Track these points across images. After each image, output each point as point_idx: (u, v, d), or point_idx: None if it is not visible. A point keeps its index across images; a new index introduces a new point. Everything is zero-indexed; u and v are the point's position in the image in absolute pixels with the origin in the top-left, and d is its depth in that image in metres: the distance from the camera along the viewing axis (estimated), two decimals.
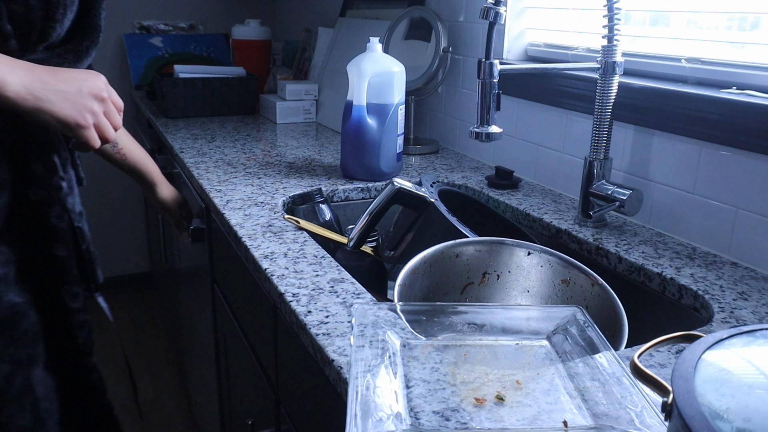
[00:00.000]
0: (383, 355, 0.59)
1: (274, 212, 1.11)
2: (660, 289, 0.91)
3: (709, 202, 0.99)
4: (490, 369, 0.60)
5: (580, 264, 0.87)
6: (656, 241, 1.02)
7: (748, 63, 0.98)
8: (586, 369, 0.59)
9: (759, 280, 0.89)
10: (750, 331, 0.47)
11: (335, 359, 0.67)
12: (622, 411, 0.52)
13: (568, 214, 1.14)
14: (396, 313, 0.67)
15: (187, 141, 1.66)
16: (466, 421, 0.53)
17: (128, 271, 2.94)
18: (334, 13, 2.15)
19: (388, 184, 0.99)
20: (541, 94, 1.29)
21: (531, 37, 1.43)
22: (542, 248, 0.89)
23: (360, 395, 0.53)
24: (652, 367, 0.67)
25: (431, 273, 0.85)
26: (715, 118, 0.94)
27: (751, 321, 0.78)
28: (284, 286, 0.84)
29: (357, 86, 1.27)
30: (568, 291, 0.87)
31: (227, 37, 2.62)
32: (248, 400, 1.25)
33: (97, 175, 2.77)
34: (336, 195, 1.28)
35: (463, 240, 0.89)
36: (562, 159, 1.26)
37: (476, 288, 0.89)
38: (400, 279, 0.79)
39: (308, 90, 1.97)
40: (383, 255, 1.02)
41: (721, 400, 0.40)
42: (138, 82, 2.51)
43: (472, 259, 0.88)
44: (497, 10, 0.92)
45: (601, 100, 1.04)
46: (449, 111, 1.63)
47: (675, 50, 1.09)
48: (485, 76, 0.97)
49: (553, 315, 0.68)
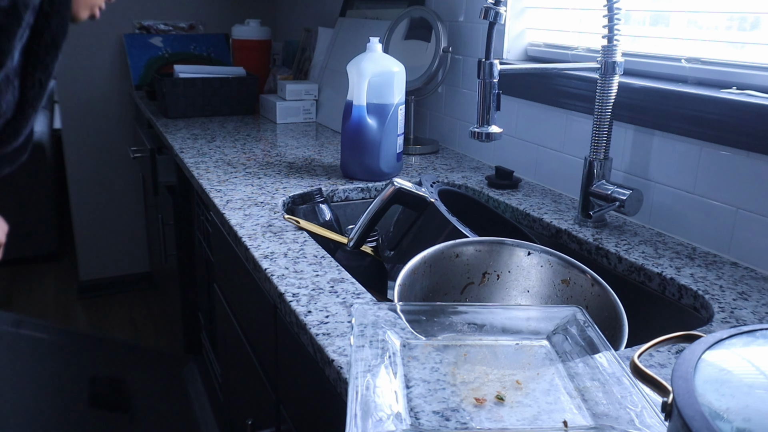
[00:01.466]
0: (383, 355, 0.60)
1: (274, 212, 1.11)
2: (660, 289, 0.91)
3: (709, 202, 0.99)
4: (490, 369, 0.60)
5: (580, 264, 0.87)
6: (656, 241, 1.02)
7: (748, 63, 0.98)
8: (586, 369, 0.59)
9: (759, 280, 0.89)
10: (750, 331, 0.47)
11: (335, 359, 0.67)
12: (622, 411, 0.52)
13: (568, 214, 1.14)
14: (396, 313, 0.67)
15: (187, 141, 1.66)
16: (466, 421, 0.53)
17: (128, 271, 2.94)
18: (334, 13, 2.15)
19: (388, 184, 0.99)
20: (541, 94, 1.29)
21: (531, 37, 1.43)
22: (542, 248, 0.89)
23: (360, 395, 0.53)
24: (652, 367, 0.67)
25: (431, 273, 0.85)
26: (715, 118, 0.94)
27: (751, 321, 0.78)
28: (284, 286, 0.84)
29: (357, 86, 1.27)
30: (568, 291, 0.87)
31: (227, 37, 2.62)
32: (248, 400, 1.25)
33: (97, 175, 2.77)
34: (336, 195, 1.28)
35: (463, 240, 0.89)
36: (562, 159, 1.26)
37: (476, 288, 0.89)
38: (400, 279, 0.79)
39: (308, 90, 1.97)
40: (383, 255, 1.02)
41: (721, 400, 0.40)
42: (138, 82, 2.51)
43: (472, 259, 0.88)
44: (497, 10, 0.92)
45: (601, 100, 1.04)
46: (449, 111, 1.63)
47: (675, 50, 1.09)
48: (485, 76, 0.97)
49: (553, 315, 0.68)
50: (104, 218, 2.82)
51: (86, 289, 2.89)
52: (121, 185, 2.81)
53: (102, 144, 2.74)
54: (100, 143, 2.73)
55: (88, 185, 2.77)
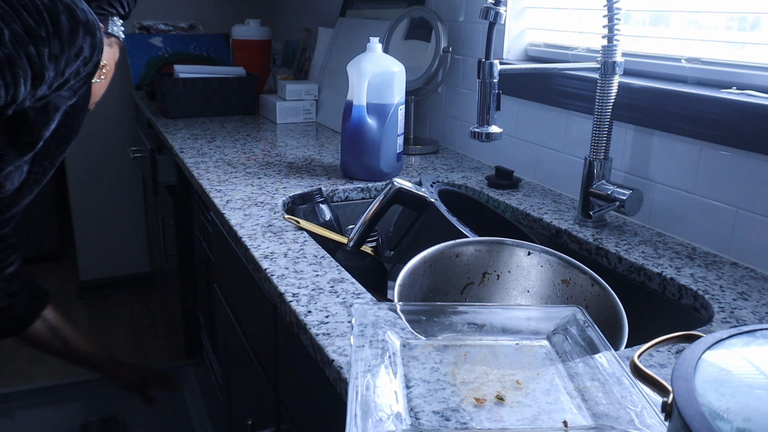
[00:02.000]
0: (383, 355, 0.60)
1: (274, 212, 1.11)
2: (660, 289, 0.91)
3: (709, 202, 0.99)
4: (490, 369, 0.60)
5: (580, 264, 0.87)
6: (656, 241, 1.02)
7: (748, 63, 0.98)
8: (586, 369, 0.59)
9: (759, 280, 0.89)
10: (750, 331, 0.47)
11: (335, 359, 0.67)
12: (622, 411, 0.52)
13: (568, 214, 1.14)
14: (396, 313, 0.67)
15: (187, 141, 1.66)
16: (466, 421, 0.53)
17: (128, 271, 2.94)
18: (334, 13, 2.15)
19: (388, 184, 0.99)
20: (541, 94, 1.29)
21: (531, 37, 1.43)
22: (542, 248, 0.89)
23: (360, 395, 0.53)
24: (652, 367, 0.67)
25: (431, 273, 0.85)
26: (715, 118, 0.94)
27: (751, 321, 0.78)
28: (284, 286, 0.84)
29: (357, 86, 1.27)
30: (568, 291, 0.87)
31: (227, 37, 2.62)
32: (248, 400, 1.25)
33: (97, 175, 2.77)
34: (336, 195, 1.28)
35: (463, 240, 0.89)
36: (562, 159, 1.26)
37: (476, 288, 0.89)
38: (400, 279, 0.79)
39: (308, 90, 1.97)
40: (383, 255, 1.02)
41: (721, 400, 0.40)
42: (138, 82, 2.51)
43: (472, 259, 0.88)
44: (497, 10, 0.92)
45: (601, 100, 1.04)
46: (449, 111, 1.63)
47: (675, 50, 1.09)
48: (485, 76, 0.97)
49: (553, 315, 0.68)
50: (104, 218, 2.82)
51: (86, 289, 2.89)
52: (121, 185, 2.81)
53: (102, 144, 2.74)
54: (100, 143, 2.73)
55: (88, 185, 2.77)
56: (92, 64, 0.90)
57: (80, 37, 0.85)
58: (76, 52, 0.85)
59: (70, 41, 0.83)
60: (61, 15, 0.82)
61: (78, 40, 0.84)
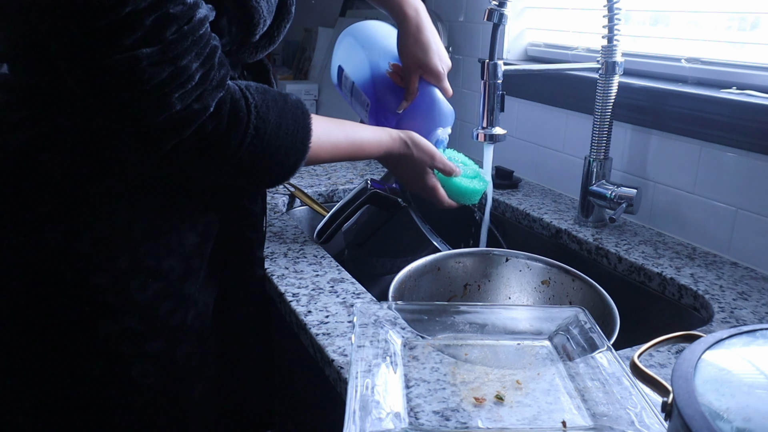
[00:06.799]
0: (384, 355, 0.60)
1: (274, 212, 1.11)
2: (660, 289, 0.91)
3: (709, 202, 0.99)
4: (490, 369, 0.60)
5: (559, 263, 0.87)
6: (656, 241, 1.02)
7: (748, 63, 0.98)
8: (587, 369, 0.59)
9: (759, 280, 0.89)
10: (750, 331, 0.47)
11: (335, 359, 0.67)
12: (622, 411, 0.52)
13: (568, 214, 1.14)
14: (397, 312, 0.67)
15: None
16: (466, 421, 0.53)
17: None
18: (334, 13, 2.15)
19: (362, 183, 0.98)
20: (541, 94, 1.29)
21: (531, 37, 1.42)
22: (519, 253, 0.89)
23: (359, 393, 0.53)
24: (652, 367, 0.67)
25: (417, 288, 0.85)
26: (715, 118, 0.94)
27: (751, 321, 0.78)
28: (284, 286, 0.84)
29: None
30: (549, 290, 0.87)
31: None
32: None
33: None
34: (336, 195, 1.28)
35: (443, 253, 0.89)
36: (562, 159, 1.26)
37: (459, 300, 0.89)
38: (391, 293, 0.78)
39: (308, 90, 1.97)
40: (347, 241, 1.01)
41: (721, 400, 0.40)
42: None
43: (452, 272, 0.89)
44: (501, 12, 0.92)
45: (601, 100, 1.04)
46: None
47: (675, 50, 1.09)
48: (489, 77, 0.97)
49: (555, 315, 0.68)
50: None
51: None
52: None
53: None
54: None
55: None
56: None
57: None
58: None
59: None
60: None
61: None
